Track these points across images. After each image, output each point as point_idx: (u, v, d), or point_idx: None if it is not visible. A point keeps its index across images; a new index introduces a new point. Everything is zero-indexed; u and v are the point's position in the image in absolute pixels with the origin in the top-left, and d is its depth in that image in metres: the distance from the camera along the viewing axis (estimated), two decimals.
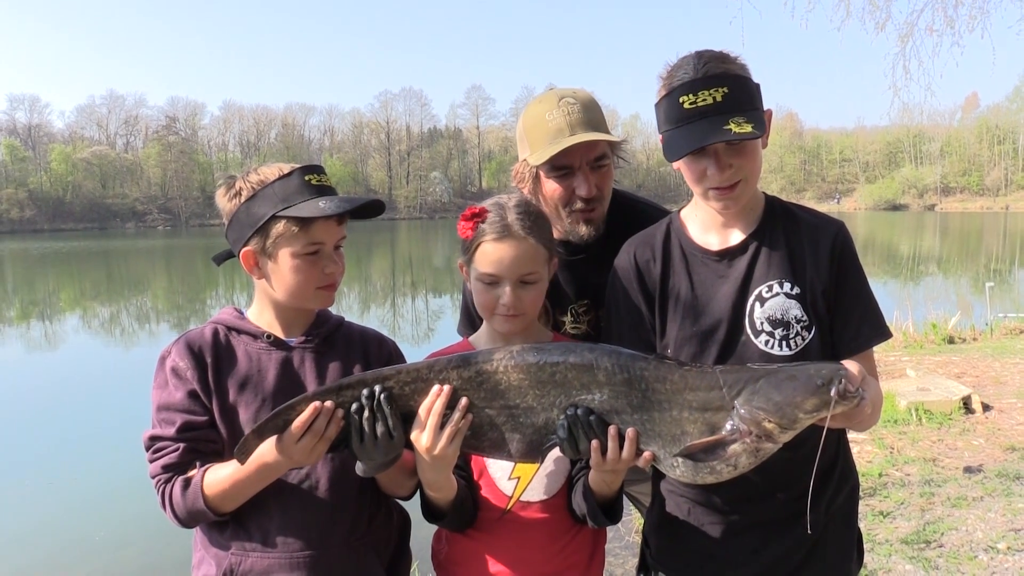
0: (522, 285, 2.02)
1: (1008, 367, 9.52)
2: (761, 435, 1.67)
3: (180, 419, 1.94)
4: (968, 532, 4.90)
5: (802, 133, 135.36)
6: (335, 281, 2.04)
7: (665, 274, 2.07)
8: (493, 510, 2.08)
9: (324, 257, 1.99)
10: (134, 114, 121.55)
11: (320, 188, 1.98)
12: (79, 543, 6.44)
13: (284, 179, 1.97)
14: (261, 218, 1.95)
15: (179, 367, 1.98)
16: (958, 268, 31.62)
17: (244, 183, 2.00)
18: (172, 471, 1.92)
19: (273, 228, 1.96)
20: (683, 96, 1.85)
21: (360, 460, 1.83)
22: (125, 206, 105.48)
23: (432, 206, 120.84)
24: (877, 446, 6.59)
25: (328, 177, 2.03)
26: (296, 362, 2.04)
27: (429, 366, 1.81)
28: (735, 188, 1.93)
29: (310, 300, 2.03)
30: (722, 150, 1.88)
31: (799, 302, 1.94)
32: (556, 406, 1.78)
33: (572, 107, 2.37)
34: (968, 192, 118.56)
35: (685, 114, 1.86)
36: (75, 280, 34.78)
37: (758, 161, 1.95)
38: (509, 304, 2.00)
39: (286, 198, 1.94)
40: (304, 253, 1.96)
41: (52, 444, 9.20)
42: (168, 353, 2.01)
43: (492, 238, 2.01)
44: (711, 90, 1.83)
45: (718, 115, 1.83)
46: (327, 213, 1.91)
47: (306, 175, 1.98)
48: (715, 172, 1.89)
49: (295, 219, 1.93)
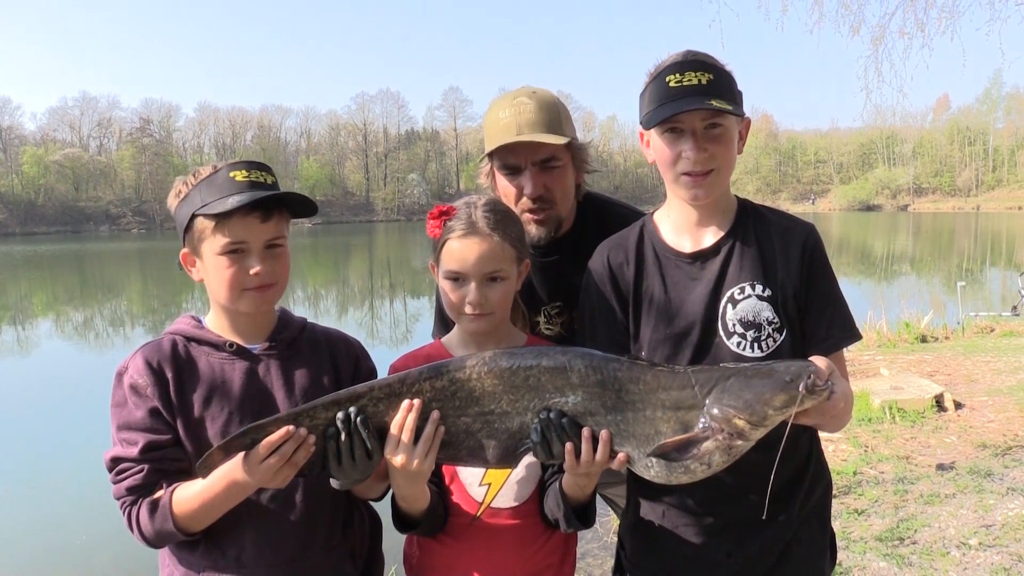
0: (488, 283, 2.01)
1: (979, 365, 9.65)
2: (733, 433, 1.68)
3: (143, 439, 1.86)
4: (941, 529, 4.96)
5: (777, 135, 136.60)
6: (265, 282, 1.93)
7: (638, 277, 2.08)
8: (464, 516, 2.06)
9: (249, 256, 1.90)
10: (107, 116, 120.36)
11: (250, 184, 1.90)
12: (53, 550, 6.36)
13: (210, 177, 1.92)
14: (185, 218, 1.92)
15: (138, 384, 1.90)
16: (931, 268, 32.04)
17: (183, 184, 1.96)
18: (137, 493, 1.85)
19: (195, 227, 1.91)
20: (670, 76, 1.90)
21: (336, 478, 1.81)
22: (99, 209, 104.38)
23: (410, 208, 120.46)
24: (851, 444, 6.65)
25: (263, 173, 1.94)
26: (262, 371, 1.98)
27: (401, 380, 1.80)
28: (707, 176, 1.95)
29: (238, 302, 1.93)
30: (700, 132, 1.92)
31: (771, 304, 1.96)
32: (530, 410, 1.78)
33: (524, 107, 2.39)
34: (940, 193, 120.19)
35: (671, 92, 1.90)
36: (48, 284, 34.33)
37: (732, 154, 1.98)
38: (475, 302, 1.99)
39: (205, 196, 1.89)
40: (224, 252, 1.89)
41: (25, 451, 9.06)
42: (125, 369, 1.93)
43: (458, 235, 2.01)
44: (698, 73, 1.89)
45: (702, 95, 1.87)
46: (227, 208, 1.83)
47: (232, 171, 1.91)
48: (691, 153, 1.92)
49: (210, 216, 1.87)
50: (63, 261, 47.48)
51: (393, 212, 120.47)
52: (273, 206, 1.92)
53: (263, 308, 1.99)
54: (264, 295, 1.95)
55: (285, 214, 1.98)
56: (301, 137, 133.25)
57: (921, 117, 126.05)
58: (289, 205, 1.98)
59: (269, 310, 2.05)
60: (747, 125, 2.04)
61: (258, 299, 1.94)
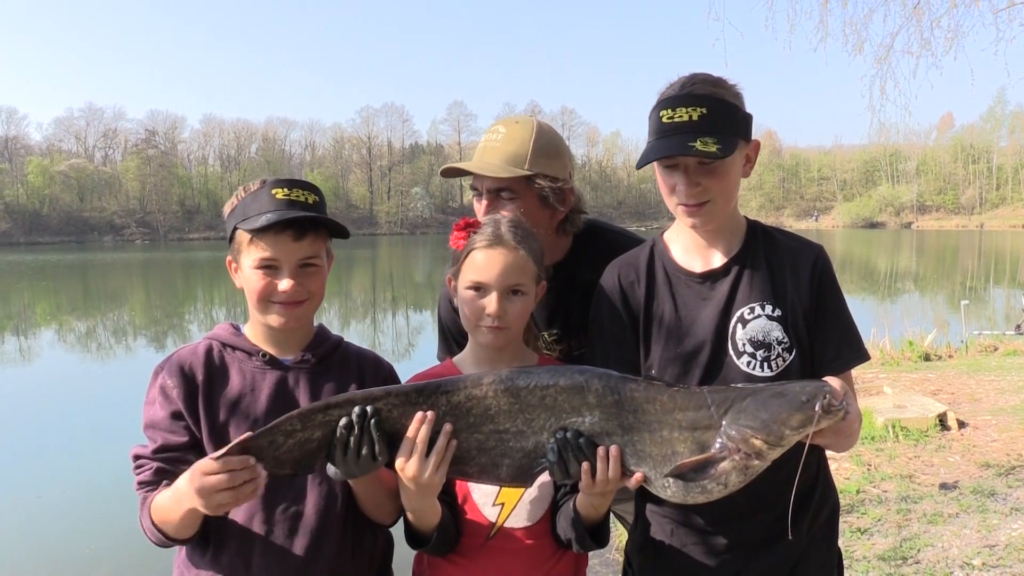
0: (509, 296, 2.02)
1: (983, 384, 9.63)
2: (750, 453, 1.70)
3: (160, 438, 1.93)
4: (944, 548, 4.94)
5: (781, 151, 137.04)
6: (294, 299, 1.97)
7: (649, 296, 2.09)
8: (476, 536, 2.05)
9: (280, 272, 1.95)
10: (113, 127, 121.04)
11: (288, 203, 1.95)
12: (58, 559, 6.35)
13: (256, 191, 1.98)
14: (229, 228, 2.01)
15: (167, 385, 1.96)
16: (934, 286, 32.03)
17: (236, 196, 2.03)
18: (143, 489, 1.91)
19: (236, 238, 1.99)
20: (663, 111, 1.93)
21: (335, 467, 1.78)
22: (103, 219, 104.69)
23: (413, 221, 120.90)
24: (854, 463, 6.64)
25: (305, 192, 1.99)
26: (291, 383, 2.02)
27: (418, 390, 1.81)
28: (703, 207, 1.97)
29: (267, 315, 1.99)
30: (692, 167, 1.94)
31: (780, 324, 1.98)
32: (546, 429, 1.78)
33: (493, 136, 2.44)
34: (944, 210, 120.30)
35: (663, 128, 1.93)
36: (51, 294, 34.37)
37: (729, 184, 1.99)
38: (495, 313, 1.99)
39: (246, 210, 1.96)
40: (258, 267, 1.95)
41: (27, 460, 9.07)
42: (161, 369, 1.99)
43: (483, 245, 2.03)
44: (689, 108, 1.90)
45: (690, 132, 1.88)
46: (259, 225, 1.89)
47: (274, 188, 1.96)
48: (683, 187, 1.95)
49: (245, 231, 1.94)
50: (67, 271, 47.56)
51: (396, 225, 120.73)
52: (308, 226, 1.96)
53: (291, 324, 2.01)
54: (292, 311, 1.99)
55: (322, 233, 2.02)
56: (305, 150, 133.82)
57: (925, 135, 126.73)
58: (327, 225, 2.02)
59: (303, 325, 2.08)
60: (756, 147, 2.05)
61: (287, 314, 1.98)
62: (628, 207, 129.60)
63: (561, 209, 2.46)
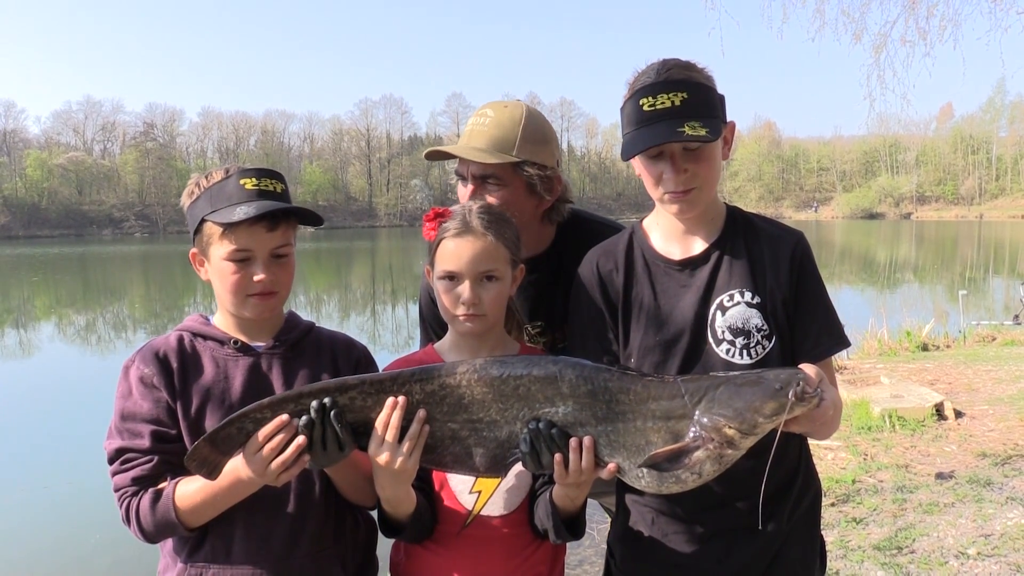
0: (482, 283, 2.01)
1: (980, 374, 9.64)
2: (723, 442, 1.68)
3: (150, 430, 1.89)
4: (939, 538, 4.94)
5: (780, 142, 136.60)
6: (269, 290, 1.96)
7: (628, 284, 2.08)
8: (453, 524, 2.05)
9: (254, 264, 1.94)
10: (111, 120, 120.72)
11: (259, 193, 1.93)
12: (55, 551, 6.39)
13: (221, 182, 1.95)
14: (195, 220, 1.97)
15: (145, 375, 1.93)
16: (933, 276, 31.99)
17: (196, 185, 2.00)
18: (141, 484, 1.87)
19: (204, 231, 1.96)
20: (643, 99, 1.89)
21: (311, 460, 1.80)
22: (102, 213, 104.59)
23: (412, 213, 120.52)
24: (851, 453, 6.64)
25: (273, 181, 1.97)
26: (264, 368, 2.01)
27: (392, 378, 1.80)
28: (689, 193, 1.95)
29: (242, 307, 1.98)
30: (678, 154, 1.91)
31: (760, 311, 1.96)
32: (519, 419, 1.77)
33: (480, 120, 2.40)
34: (943, 201, 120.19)
35: (644, 116, 1.89)
36: (51, 287, 34.34)
37: (714, 169, 1.98)
38: (468, 301, 1.99)
39: (215, 201, 1.93)
40: (230, 259, 1.93)
41: (27, 453, 9.07)
42: (132, 362, 1.97)
43: (452, 234, 2.02)
44: (670, 94, 1.87)
45: (675, 118, 1.86)
46: (234, 219, 1.87)
47: (242, 178, 1.94)
48: (671, 175, 1.92)
49: (218, 223, 1.91)
50: (66, 264, 47.50)
51: (396, 217, 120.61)
52: (280, 216, 1.95)
53: (266, 315, 2.02)
54: (267, 302, 1.98)
55: (292, 222, 2.01)
56: (304, 142, 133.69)
57: (924, 125, 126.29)
58: (296, 213, 2.00)
59: (277, 315, 2.08)
60: (731, 128, 2.02)
61: (261, 306, 1.98)
62: (628, 198, 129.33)
63: (548, 198, 2.43)
